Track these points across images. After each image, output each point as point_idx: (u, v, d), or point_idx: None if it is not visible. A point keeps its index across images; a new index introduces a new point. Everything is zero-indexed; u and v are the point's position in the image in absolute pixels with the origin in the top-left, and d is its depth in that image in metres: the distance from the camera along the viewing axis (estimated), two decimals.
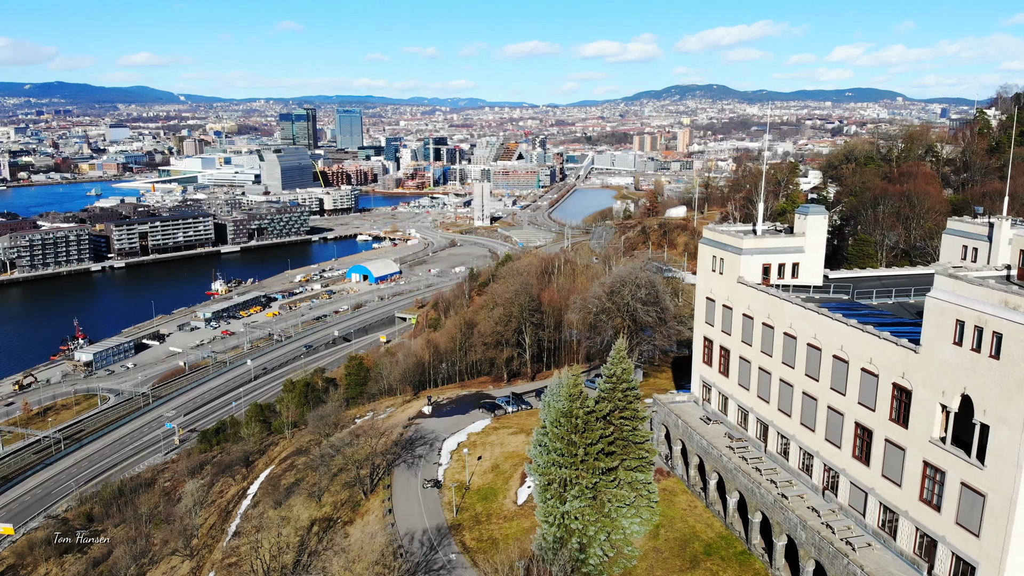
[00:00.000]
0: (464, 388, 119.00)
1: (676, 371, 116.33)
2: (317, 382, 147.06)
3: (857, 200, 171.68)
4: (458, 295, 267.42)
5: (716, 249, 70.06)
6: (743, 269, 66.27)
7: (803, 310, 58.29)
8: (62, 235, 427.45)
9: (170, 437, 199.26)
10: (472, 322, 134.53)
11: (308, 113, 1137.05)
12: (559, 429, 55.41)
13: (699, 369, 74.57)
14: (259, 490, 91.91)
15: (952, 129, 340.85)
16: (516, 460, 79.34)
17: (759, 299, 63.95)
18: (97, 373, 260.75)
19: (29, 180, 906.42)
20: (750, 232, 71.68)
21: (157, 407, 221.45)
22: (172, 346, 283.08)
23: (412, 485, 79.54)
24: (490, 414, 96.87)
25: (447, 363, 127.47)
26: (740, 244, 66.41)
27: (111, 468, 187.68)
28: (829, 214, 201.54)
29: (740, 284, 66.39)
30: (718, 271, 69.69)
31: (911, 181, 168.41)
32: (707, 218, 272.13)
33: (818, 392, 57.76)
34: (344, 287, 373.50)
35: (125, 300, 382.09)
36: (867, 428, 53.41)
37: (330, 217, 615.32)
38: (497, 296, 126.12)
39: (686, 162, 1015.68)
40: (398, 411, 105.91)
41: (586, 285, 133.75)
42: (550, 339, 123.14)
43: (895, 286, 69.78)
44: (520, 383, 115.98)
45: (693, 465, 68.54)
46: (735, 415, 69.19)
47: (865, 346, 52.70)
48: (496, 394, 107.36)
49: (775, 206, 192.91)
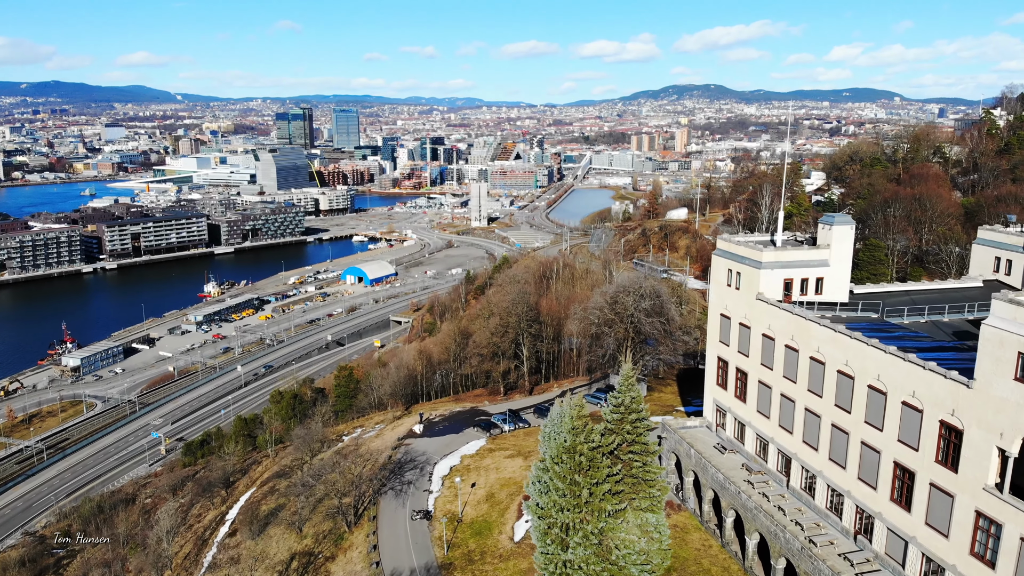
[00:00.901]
0: (458, 402, 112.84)
1: (682, 384, 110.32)
2: (305, 393, 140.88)
3: (866, 203, 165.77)
4: (454, 298, 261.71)
5: (732, 262, 63.90)
6: (763, 284, 60.15)
7: (833, 333, 52.22)
8: (53, 236, 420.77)
9: (156, 447, 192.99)
10: (467, 331, 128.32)
11: (305, 113, 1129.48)
12: (561, 467, 49.34)
13: (712, 392, 68.46)
14: (238, 515, 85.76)
15: (958, 130, 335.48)
16: (512, 488, 73.24)
17: (781, 318, 57.89)
18: (84, 378, 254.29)
19: (23, 180, 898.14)
20: (769, 243, 65.59)
21: (144, 415, 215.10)
22: (162, 350, 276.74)
23: (400, 516, 73.37)
24: (485, 433, 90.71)
25: (441, 374, 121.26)
26: (759, 257, 60.27)
27: (95, 480, 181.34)
28: None
29: (759, 301, 60.28)
30: (734, 286, 63.55)
31: (922, 184, 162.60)
32: (709, 220, 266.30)
33: (850, 425, 51.73)
34: (339, 289, 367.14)
35: (116, 302, 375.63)
36: (908, 469, 47.37)
37: (326, 217, 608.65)
38: (493, 305, 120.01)
39: (684, 162, 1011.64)
40: (388, 429, 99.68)
41: (586, 293, 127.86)
42: (549, 350, 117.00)
43: (927, 302, 63.78)
44: (517, 397, 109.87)
45: (707, 499, 62.48)
46: (753, 444, 63.13)
47: (907, 377, 46.66)
48: (492, 410, 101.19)
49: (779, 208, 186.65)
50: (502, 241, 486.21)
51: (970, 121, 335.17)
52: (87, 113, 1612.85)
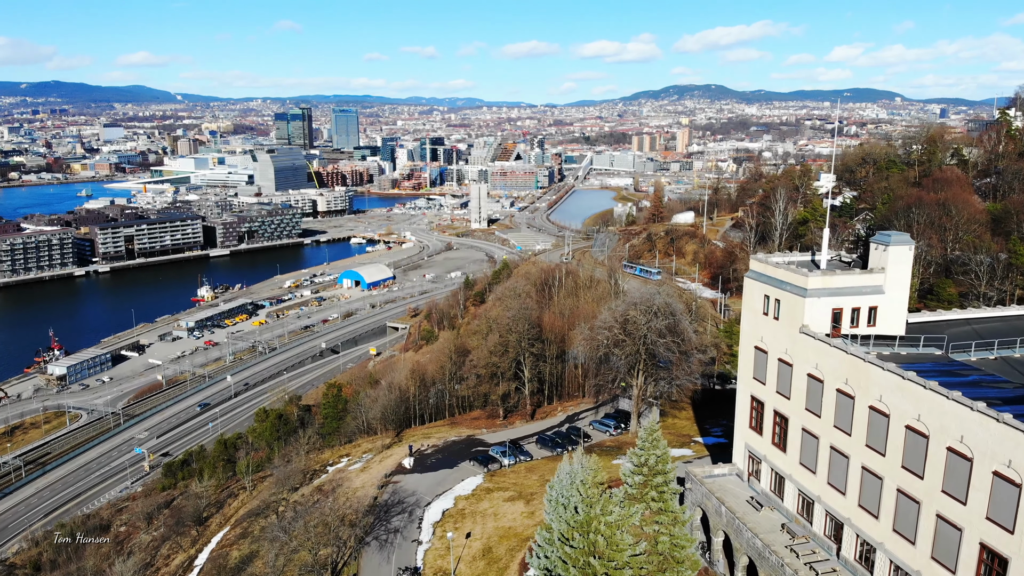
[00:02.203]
0: (454, 427, 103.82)
1: (699, 409, 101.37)
2: (291, 413, 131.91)
3: (887, 208, 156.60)
4: (452, 304, 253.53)
5: (769, 287, 54.76)
6: (808, 315, 51.07)
7: (901, 380, 43.19)
8: (45, 239, 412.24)
9: (139, 463, 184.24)
10: (464, 348, 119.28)
11: (304, 113, 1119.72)
12: (573, 550, 40.42)
13: (744, 436, 59.40)
14: (207, 563, 76.78)
15: (971, 130, 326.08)
16: (513, 542, 64.25)
17: (833, 358, 48.87)
18: (71, 387, 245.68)
19: (20, 181, 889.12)
20: (810, 264, 56.56)
21: (129, 428, 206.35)
22: (151, 358, 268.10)
23: (384, 573, 64.42)
24: (482, 468, 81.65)
25: (435, 394, 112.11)
26: (804, 283, 51.15)
27: (74, 499, 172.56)
28: (851, 222, 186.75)
29: (804, 335, 51.25)
30: (772, 315, 54.47)
31: (946, 188, 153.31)
32: (716, 224, 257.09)
33: (922, 494, 42.71)
34: (335, 293, 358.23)
35: (108, 307, 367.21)
36: (1001, 556, 38.37)
37: (323, 219, 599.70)
38: (492, 320, 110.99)
39: (686, 163, 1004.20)
40: (375, 460, 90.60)
41: (592, 307, 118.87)
42: (552, 371, 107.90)
43: (993, 334, 54.76)
44: (517, 422, 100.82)
45: (741, 566, 53.38)
46: (794, 502, 54.10)
47: (1000, 442, 37.67)
48: (490, 440, 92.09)
49: (795, 214, 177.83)
50: (502, 243, 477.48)
51: (984, 122, 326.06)
52: (87, 113, 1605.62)
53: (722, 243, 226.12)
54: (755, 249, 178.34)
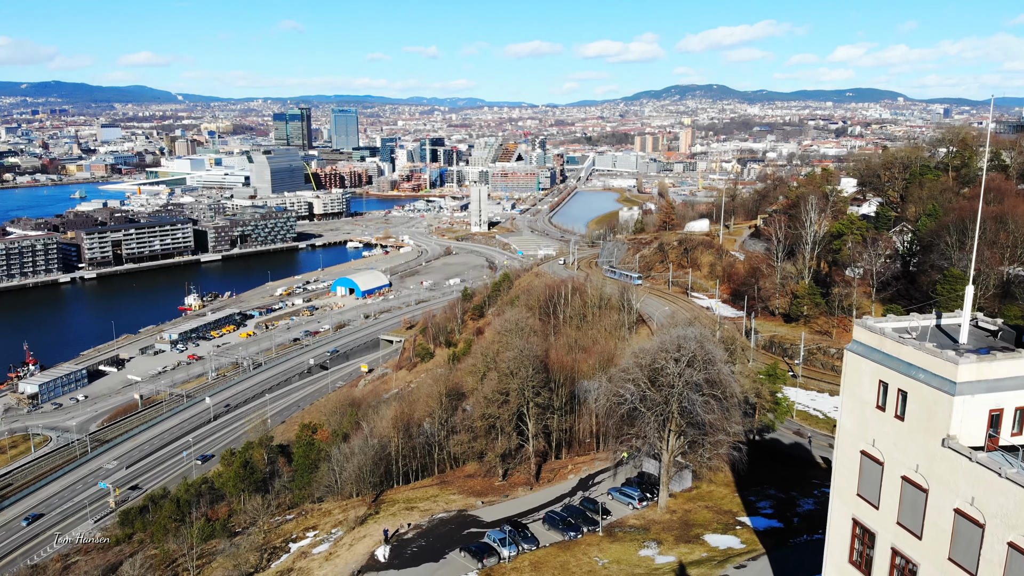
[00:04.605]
0: (443, 488, 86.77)
1: (737, 472, 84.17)
2: (260, 460, 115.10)
3: (935, 222, 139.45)
4: (450, 318, 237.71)
5: (890, 371, 37.59)
6: (956, 421, 34.08)
7: None
8: (28, 244, 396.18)
9: (104, 498, 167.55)
10: (457, 389, 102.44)
11: (303, 113, 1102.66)
12: None
13: (840, 570, 42.36)
14: None
15: (1000, 132, 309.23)
16: None
17: (999, 490, 31.89)
18: (43, 407, 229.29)
19: (14, 182, 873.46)
20: (938, 333, 39.45)
21: (97, 456, 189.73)
22: (131, 374, 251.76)
23: None
24: (476, 563, 64.66)
25: (421, 447, 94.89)
26: (953, 374, 34.10)
27: (30, 541, 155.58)
28: (888, 236, 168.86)
29: (950, 450, 34.22)
30: (893, 412, 37.39)
31: (1006, 200, 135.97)
32: (734, 234, 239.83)
33: None
34: (328, 302, 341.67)
35: (91, 316, 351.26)
36: None
37: (320, 222, 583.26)
38: (490, 358, 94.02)
39: (689, 163, 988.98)
40: (345, 540, 73.57)
41: (606, 340, 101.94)
42: (560, 424, 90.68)
43: None
44: (520, 490, 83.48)
45: None
46: None
47: None
48: (485, 517, 74.85)
49: (828, 227, 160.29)
50: (503, 248, 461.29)
51: (1014, 124, 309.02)
52: (87, 113, 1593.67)
53: (742, 254, 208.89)
54: (782, 265, 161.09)
